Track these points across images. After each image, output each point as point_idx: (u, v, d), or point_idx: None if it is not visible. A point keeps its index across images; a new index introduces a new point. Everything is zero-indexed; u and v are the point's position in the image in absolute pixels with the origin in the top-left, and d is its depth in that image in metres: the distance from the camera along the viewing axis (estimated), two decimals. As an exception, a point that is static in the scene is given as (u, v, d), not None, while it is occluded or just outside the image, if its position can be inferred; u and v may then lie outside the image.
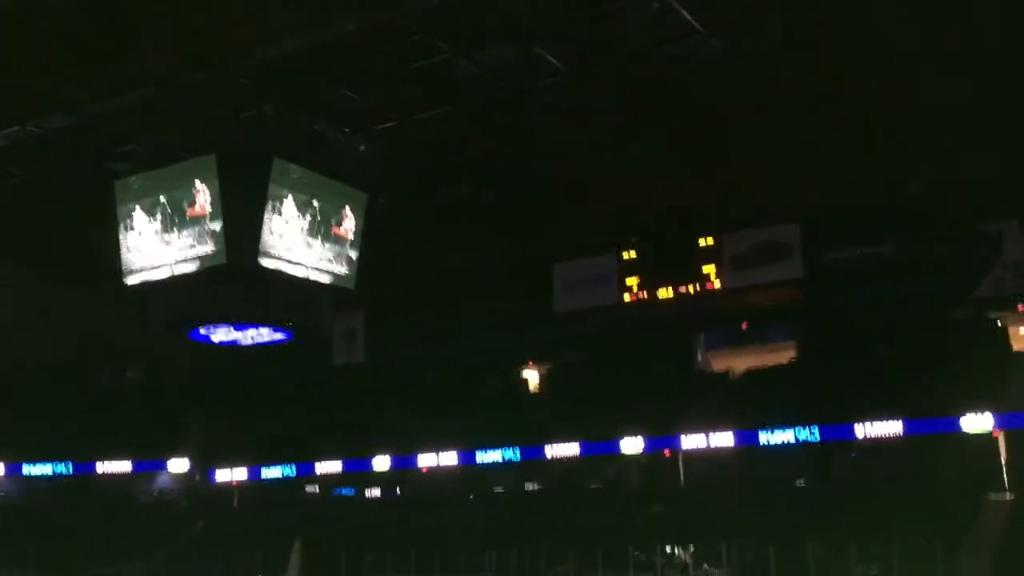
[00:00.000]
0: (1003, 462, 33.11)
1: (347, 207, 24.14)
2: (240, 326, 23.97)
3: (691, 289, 39.73)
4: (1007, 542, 28.17)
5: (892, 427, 34.02)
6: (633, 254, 40.90)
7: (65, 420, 46.06)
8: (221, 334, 24.42)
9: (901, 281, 36.80)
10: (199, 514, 47.08)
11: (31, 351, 44.15)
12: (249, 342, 25.10)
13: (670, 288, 40.05)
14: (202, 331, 24.17)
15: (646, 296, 40.63)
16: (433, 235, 37.05)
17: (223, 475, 49.22)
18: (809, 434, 35.75)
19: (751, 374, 43.41)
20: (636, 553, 33.71)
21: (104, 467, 47.89)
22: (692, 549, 33.92)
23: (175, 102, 23.55)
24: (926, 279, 36.30)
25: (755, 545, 30.61)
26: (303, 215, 22.73)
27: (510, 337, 45.66)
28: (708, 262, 39.17)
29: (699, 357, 47.56)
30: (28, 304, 41.68)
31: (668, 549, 34.40)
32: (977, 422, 32.61)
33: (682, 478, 39.29)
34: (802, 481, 36.80)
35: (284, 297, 23.28)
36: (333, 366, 48.04)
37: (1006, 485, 32.35)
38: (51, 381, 46.19)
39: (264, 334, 24.60)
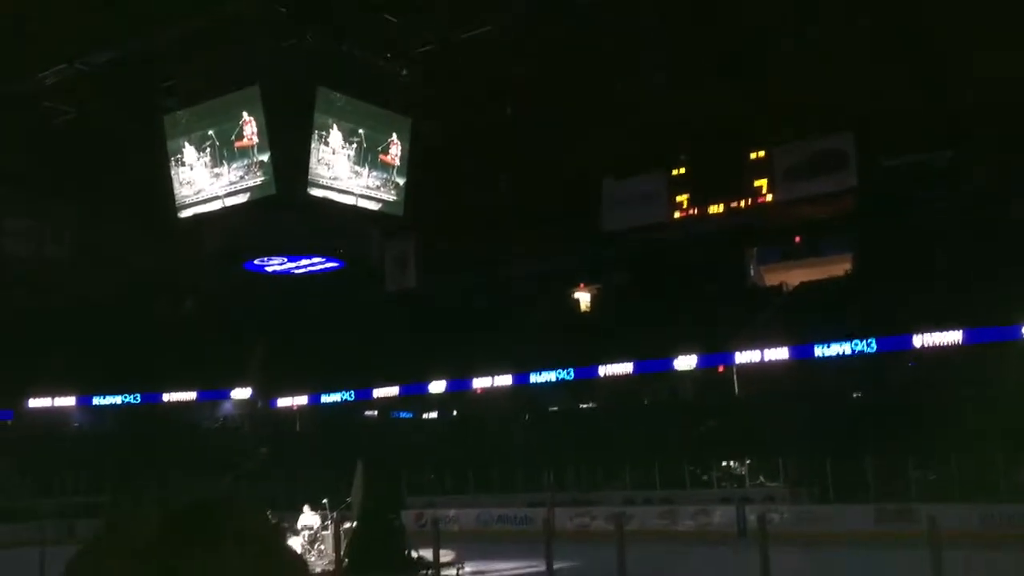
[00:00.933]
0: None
1: (393, 134, 24.07)
2: (292, 256, 24.26)
3: (742, 204, 39.22)
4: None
5: (951, 336, 33.52)
6: (683, 171, 40.37)
7: (129, 353, 47.45)
8: (274, 264, 24.76)
9: (958, 187, 35.90)
10: (263, 439, 48.48)
11: (91, 287, 45.20)
12: (302, 271, 25.42)
13: (720, 204, 39.57)
14: (256, 262, 24.53)
15: (696, 212, 40.22)
16: (480, 158, 36.91)
17: (284, 402, 50.50)
18: (865, 346, 35.39)
19: (805, 287, 42.96)
20: (691, 468, 34.03)
21: (170, 397, 49.52)
22: (748, 463, 34.12)
23: (217, 34, 23.53)
24: (983, 184, 35.34)
25: (811, 458, 30.67)
26: (349, 143, 22.73)
27: (560, 259, 45.64)
28: (759, 176, 38.54)
29: (752, 272, 47.17)
30: (84, 242, 42.52)
31: (723, 464, 34.63)
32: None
33: (736, 393, 39.32)
34: (858, 393, 36.62)
35: (334, 225, 23.47)
36: (386, 292, 48.55)
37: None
38: (112, 316, 47.39)
39: (316, 263, 24.87)
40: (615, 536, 7.32)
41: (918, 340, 34.23)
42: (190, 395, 50.01)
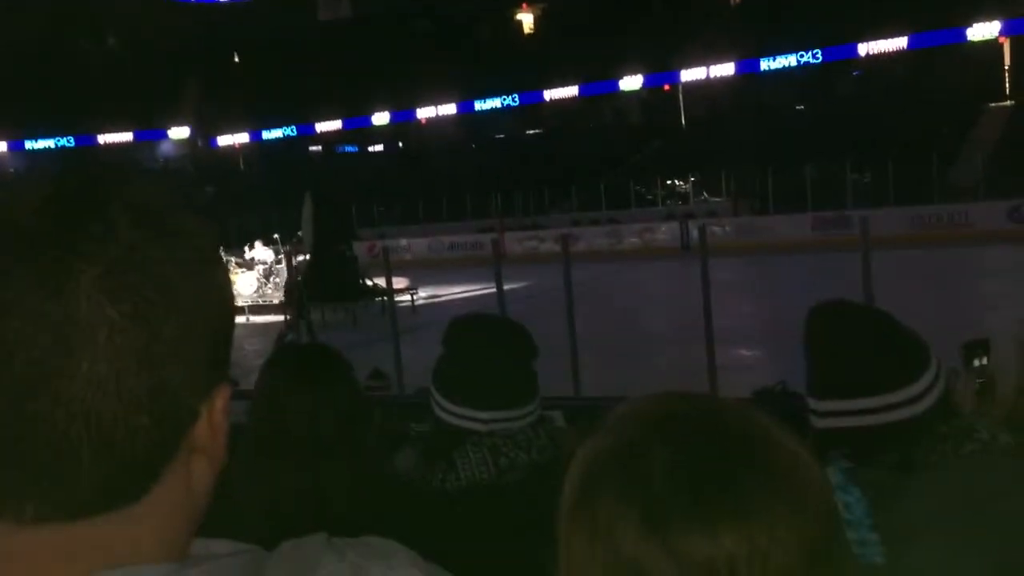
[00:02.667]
0: (1006, 70, 32.81)
1: None
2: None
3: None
4: (1001, 145, 28.60)
5: (896, 43, 33.26)
6: None
7: (56, 94, 45.51)
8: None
9: None
10: (207, 179, 48.00)
11: (4, 19, 42.35)
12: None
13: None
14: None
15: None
16: None
17: (225, 140, 49.49)
18: (812, 57, 35.09)
19: (753, -2, 41.79)
20: (637, 188, 34.57)
21: (105, 138, 48.16)
22: (692, 180, 34.71)
23: None
24: None
25: (753, 171, 31.19)
26: None
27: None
28: None
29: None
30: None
31: (667, 182, 35.18)
32: (984, 30, 31.82)
33: (682, 113, 39.27)
34: (802, 106, 36.76)
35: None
36: (320, 23, 46.39)
37: (1007, 92, 32.27)
38: (34, 55, 44.93)
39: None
40: (562, 256, 7.54)
41: (863, 48, 33.97)
42: (127, 136, 48.71)
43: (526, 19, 49.45)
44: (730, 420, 0.75)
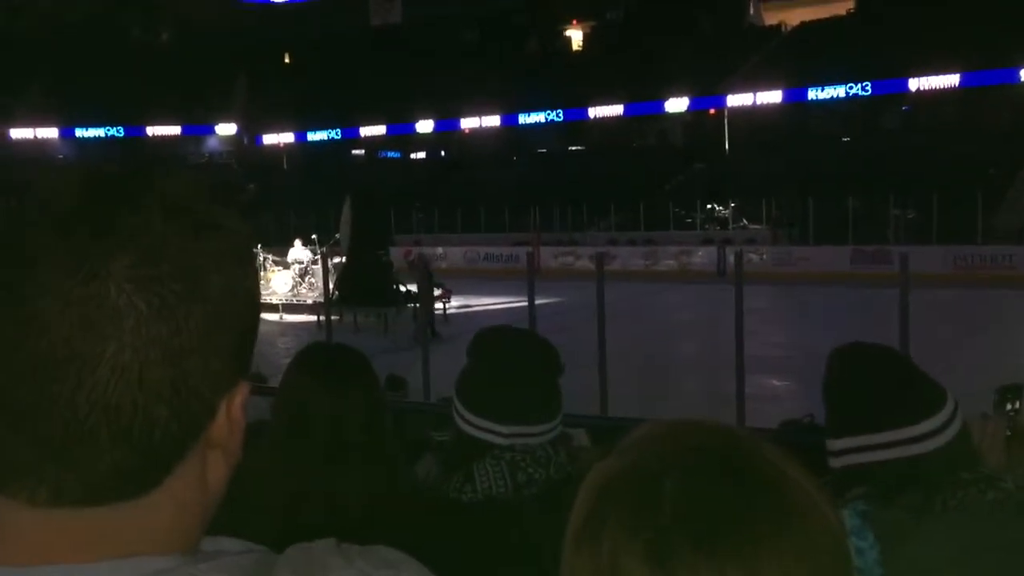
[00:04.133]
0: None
1: None
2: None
3: (746, -65, 37.07)
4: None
5: (947, 79, 32.88)
6: None
7: (108, 84, 46.21)
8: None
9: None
10: (250, 176, 48.54)
11: (60, 6, 43.04)
12: None
13: (724, -66, 37.42)
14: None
15: (697, -56, 38.10)
16: None
17: (270, 139, 50.04)
18: (861, 89, 34.78)
19: (805, 27, 41.57)
20: (676, 210, 34.44)
21: (154, 131, 48.92)
22: (732, 206, 34.49)
23: None
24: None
25: (794, 200, 30.94)
26: None
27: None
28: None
29: (750, 10, 45.48)
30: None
31: (707, 207, 35.00)
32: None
33: (727, 137, 39.09)
34: (848, 138, 36.45)
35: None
36: (371, 27, 46.82)
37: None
38: (88, 44, 45.65)
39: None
40: (596, 274, 7.53)
41: (914, 84, 33.63)
42: (175, 129, 49.43)
43: (575, 35, 49.57)
44: (748, 455, 0.73)
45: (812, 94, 35.87)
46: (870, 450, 1.46)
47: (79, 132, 48.46)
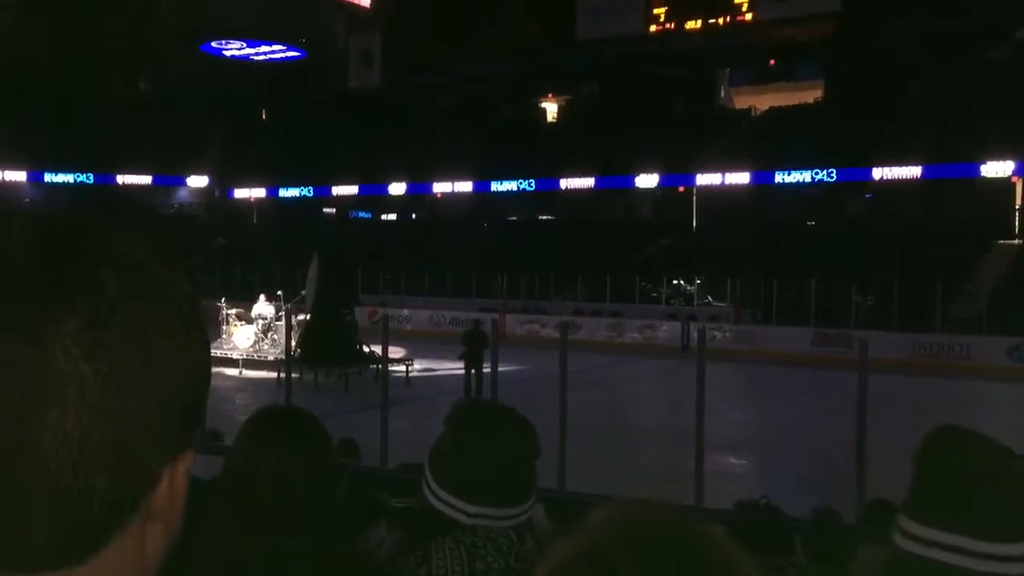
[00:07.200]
0: (1016, 208, 33.24)
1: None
2: (251, 41, 23.36)
3: (721, 21, 38.13)
4: (1006, 282, 28.74)
5: (911, 171, 33.79)
6: (662, -19, 38.95)
7: (81, 130, 46.04)
8: (233, 48, 23.87)
9: (939, 17, 35.03)
10: (219, 230, 48.34)
11: (40, 52, 42.86)
12: (261, 58, 24.57)
13: (699, 20, 38.45)
14: (214, 44, 23.60)
15: (673, 27, 39.09)
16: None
17: (241, 193, 50.01)
18: (826, 175, 35.60)
19: (774, 112, 42.64)
20: (642, 284, 34.72)
21: (124, 179, 48.71)
22: (698, 283, 34.86)
23: None
24: (962, 15, 34.48)
25: (758, 280, 31.34)
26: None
27: (530, 63, 44.42)
28: (740, -8, 37.33)
29: (722, 93, 46.61)
30: (33, 5, 39.87)
31: (674, 282, 35.33)
32: (998, 168, 32.36)
33: (694, 215, 39.69)
34: (813, 221, 37.16)
35: (298, 12, 22.49)
36: (348, 89, 47.32)
37: (1016, 231, 32.61)
38: (63, 89, 45.54)
39: (276, 50, 24.02)
40: (559, 342, 7.55)
41: (877, 173, 34.50)
42: (145, 179, 49.27)
43: (550, 108, 50.40)
44: (704, 547, 0.72)
45: (779, 177, 36.66)
46: (961, 554, 1.31)
47: (48, 177, 48.08)
